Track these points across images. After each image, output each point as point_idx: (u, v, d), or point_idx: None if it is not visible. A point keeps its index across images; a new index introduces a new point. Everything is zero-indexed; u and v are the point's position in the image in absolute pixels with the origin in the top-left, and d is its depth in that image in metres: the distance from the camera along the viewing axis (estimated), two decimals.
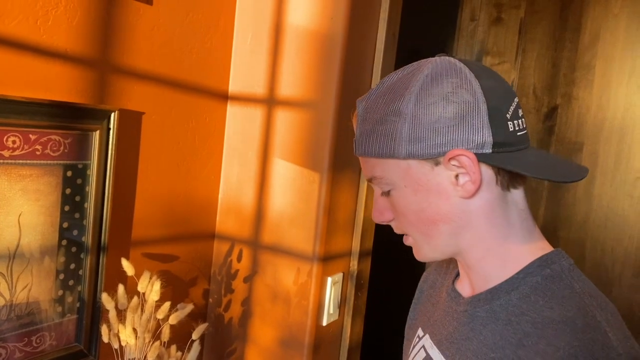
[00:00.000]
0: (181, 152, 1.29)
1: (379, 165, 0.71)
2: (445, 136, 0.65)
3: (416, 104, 0.66)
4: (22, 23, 0.93)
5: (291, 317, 1.34)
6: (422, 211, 0.69)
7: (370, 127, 0.70)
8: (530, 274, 0.67)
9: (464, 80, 0.66)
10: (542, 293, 0.65)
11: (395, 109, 0.67)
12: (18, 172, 0.95)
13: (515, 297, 0.67)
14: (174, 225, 1.31)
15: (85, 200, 1.07)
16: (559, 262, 0.67)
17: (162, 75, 1.21)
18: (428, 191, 0.68)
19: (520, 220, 0.70)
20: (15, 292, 0.99)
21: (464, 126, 0.65)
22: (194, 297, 1.39)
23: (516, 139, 0.67)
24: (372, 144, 0.70)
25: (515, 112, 0.68)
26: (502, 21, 2.29)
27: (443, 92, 0.65)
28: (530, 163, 0.67)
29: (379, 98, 0.70)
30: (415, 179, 0.68)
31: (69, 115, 1.00)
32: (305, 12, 1.31)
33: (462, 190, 0.67)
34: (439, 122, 0.65)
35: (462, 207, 0.68)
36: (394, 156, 0.68)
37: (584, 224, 2.07)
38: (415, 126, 0.66)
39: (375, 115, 0.69)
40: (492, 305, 0.69)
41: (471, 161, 0.65)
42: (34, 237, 1.00)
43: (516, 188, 0.69)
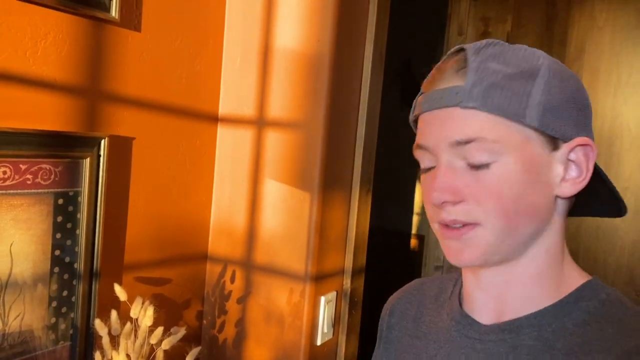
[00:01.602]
0: (172, 175, 1.30)
1: (496, 126, 0.57)
2: (579, 119, 0.58)
3: (554, 75, 0.57)
4: (12, 55, 0.94)
5: (285, 337, 1.34)
6: (522, 197, 0.57)
7: (495, 78, 0.57)
8: (583, 299, 0.59)
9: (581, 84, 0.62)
10: (606, 321, 0.57)
11: (530, 69, 0.57)
12: (9, 202, 0.96)
13: (570, 323, 0.58)
14: (166, 249, 1.31)
15: (77, 227, 1.07)
16: (608, 288, 0.61)
17: (152, 100, 1.22)
18: (538, 176, 0.58)
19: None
20: (8, 321, 0.99)
21: (585, 121, 0.59)
22: (187, 320, 1.39)
23: None
24: (500, 97, 0.56)
25: None
26: (489, 35, 2.32)
27: (571, 84, 0.59)
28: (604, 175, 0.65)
29: (505, 53, 0.59)
30: (530, 157, 0.57)
31: (59, 143, 1.01)
32: (292, 34, 1.32)
33: (565, 187, 0.59)
34: (574, 102, 0.58)
35: (553, 206, 0.60)
36: (524, 118, 0.56)
37: (575, 235, 2.09)
38: (552, 96, 0.57)
39: (505, 68, 0.57)
40: (541, 332, 0.59)
41: (593, 156, 0.59)
42: (25, 266, 1.00)
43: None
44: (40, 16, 0.97)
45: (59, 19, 1.00)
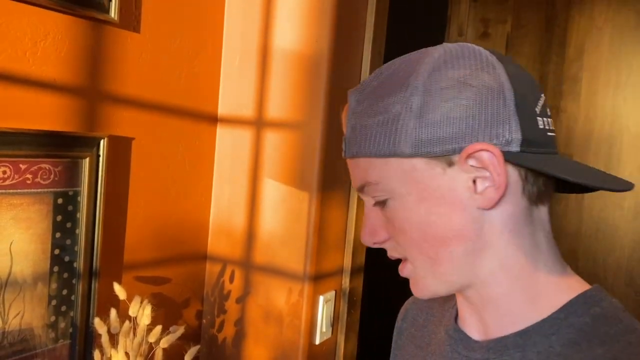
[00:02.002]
0: (172, 175, 1.31)
1: (375, 168, 0.56)
2: (462, 128, 0.51)
3: (425, 90, 0.53)
4: (12, 55, 0.95)
5: (284, 336, 1.35)
6: (428, 226, 0.55)
7: (365, 120, 0.56)
8: (574, 314, 0.53)
9: (485, 63, 0.53)
10: (597, 339, 0.51)
11: (399, 97, 0.54)
12: (9, 202, 0.97)
13: (558, 343, 0.53)
14: (165, 248, 1.32)
15: (77, 226, 1.08)
16: (606, 299, 0.55)
17: (151, 101, 1.23)
18: (438, 200, 0.54)
19: (548, 245, 0.57)
20: (8, 320, 1.00)
21: (485, 116, 0.51)
22: (187, 319, 1.40)
23: (547, 140, 0.55)
24: (368, 140, 0.55)
25: (544, 109, 0.55)
26: (489, 36, 2.33)
27: (458, 75, 0.53)
28: (571, 169, 0.55)
29: (380, 86, 0.56)
30: (422, 184, 0.54)
31: (58, 143, 1.02)
32: (291, 34, 1.33)
33: (481, 199, 0.53)
34: (454, 110, 0.52)
35: (481, 221, 0.54)
36: (396, 154, 0.54)
37: (575, 235, 2.09)
38: (424, 117, 0.52)
39: (373, 106, 0.56)
40: (526, 353, 0.54)
41: (496, 159, 0.51)
42: (25, 265, 1.01)
43: (544, 204, 0.56)
44: (40, 17, 0.98)
45: (58, 19, 1.01)
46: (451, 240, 0.54)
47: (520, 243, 0.55)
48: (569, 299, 0.54)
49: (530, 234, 0.55)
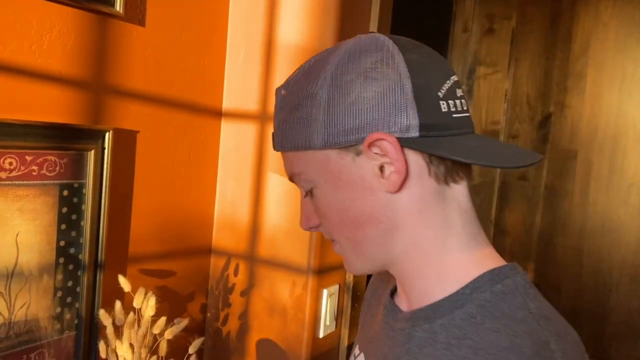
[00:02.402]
0: (176, 169, 1.32)
1: (298, 160, 0.61)
2: (364, 119, 0.55)
3: (331, 84, 0.57)
4: (18, 48, 0.96)
5: (288, 330, 1.35)
6: (345, 211, 0.60)
7: (286, 115, 0.61)
8: (478, 290, 0.56)
9: (385, 55, 0.56)
10: (490, 313, 0.54)
11: (309, 92, 0.58)
12: (15, 193, 0.97)
13: (460, 316, 0.56)
14: (170, 241, 1.33)
15: (82, 218, 1.09)
16: (513, 277, 0.56)
17: (156, 94, 1.23)
18: (350, 187, 0.58)
19: (463, 223, 0.59)
20: (14, 311, 1.00)
21: (385, 106, 0.55)
22: (191, 312, 1.41)
23: (452, 122, 0.58)
24: (288, 135, 0.61)
25: (450, 91, 0.58)
26: (494, 32, 2.32)
27: (361, 68, 0.56)
28: (468, 148, 0.57)
29: (297, 82, 0.61)
30: (336, 173, 0.59)
31: (64, 136, 1.03)
32: (296, 29, 1.33)
33: (387, 183, 0.57)
34: (357, 103, 0.56)
35: (390, 204, 0.58)
36: (310, 147, 0.59)
37: (580, 231, 2.09)
38: (330, 110, 0.56)
39: (291, 102, 0.60)
40: (432, 325, 0.58)
41: (392, 146, 0.55)
42: (31, 256, 1.02)
43: (457, 182, 0.59)
44: (46, 10, 0.99)
45: (64, 12, 1.02)
46: (365, 223, 0.59)
47: (430, 222, 0.58)
48: (477, 276, 0.57)
49: (441, 213, 0.58)
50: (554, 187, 2.15)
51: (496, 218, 2.29)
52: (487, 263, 0.58)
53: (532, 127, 2.22)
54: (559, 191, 2.14)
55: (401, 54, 0.56)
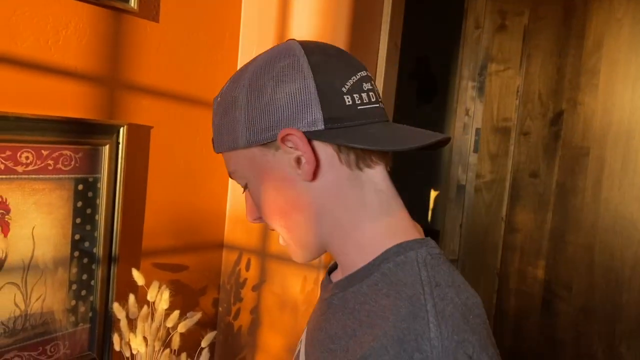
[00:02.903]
0: (189, 164, 1.33)
1: (231, 159, 0.69)
2: (277, 117, 0.62)
3: (249, 89, 0.64)
4: (34, 44, 0.97)
5: (299, 325, 1.36)
6: (273, 202, 0.66)
7: (217, 120, 0.68)
8: (385, 261, 0.62)
9: (293, 59, 0.63)
10: (389, 280, 0.60)
11: (232, 97, 0.65)
12: (31, 187, 0.99)
13: (366, 284, 0.62)
14: (183, 236, 1.34)
15: (96, 212, 1.10)
16: (417, 250, 0.62)
17: (169, 90, 1.24)
18: (274, 179, 0.65)
19: (380, 202, 0.65)
20: (30, 303, 1.02)
21: (293, 105, 0.62)
22: (203, 306, 1.42)
23: (357, 113, 0.63)
24: (221, 138, 0.68)
25: (356, 86, 0.64)
26: (506, 28, 2.31)
27: (273, 73, 0.63)
28: (368, 135, 0.63)
29: (225, 91, 0.68)
30: (261, 168, 0.66)
31: (79, 130, 1.04)
32: (308, 25, 1.34)
33: (303, 173, 0.63)
34: (270, 104, 0.63)
35: (309, 192, 0.64)
36: (237, 147, 0.66)
37: (592, 229, 2.07)
38: (249, 112, 0.63)
39: (220, 107, 0.68)
40: (345, 293, 0.64)
41: (299, 139, 0.61)
42: (47, 249, 1.03)
43: (371, 167, 0.65)
44: (62, 6, 1.00)
45: (80, 8, 1.03)
46: (292, 211, 0.66)
47: (346, 205, 0.64)
48: (388, 248, 0.63)
49: (356, 195, 0.64)
50: (566, 184, 2.14)
51: (507, 215, 2.28)
52: (400, 237, 0.63)
53: (543, 124, 2.20)
54: (571, 188, 2.12)
55: (306, 56, 0.63)
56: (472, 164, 2.41)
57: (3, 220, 0.95)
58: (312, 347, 0.66)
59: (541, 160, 2.21)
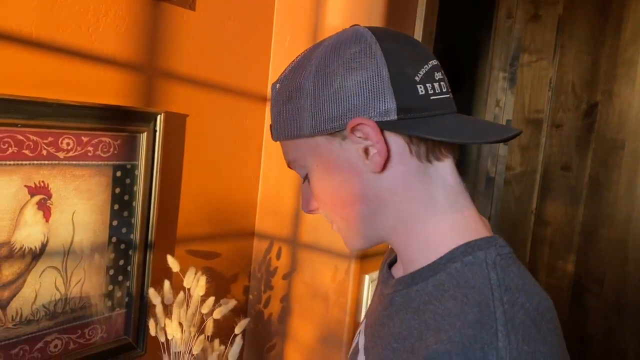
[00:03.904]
0: (222, 153, 1.33)
1: (292, 148, 0.66)
2: (346, 106, 0.60)
3: (316, 76, 0.61)
4: (76, 31, 0.98)
5: (330, 314, 1.36)
6: (336, 193, 0.64)
7: (279, 107, 0.66)
8: (452, 260, 0.59)
9: (364, 45, 0.60)
10: (456, 281, 0.57)
11: (297, 84, 0.63)
12: (72, 173, 1.00)
13: (432, 283, 0.60)
14: (215, 224, 1.35)
15: (134, 199, 1.11)
16: (486, 250, 0.59)
17: (204, 79, 1.25)
18: (339, 169, 0.63)
19: (447, 198, 0.62)
20: (70, 287, 1.04)
21: (364, 93, 0.59)
22: (234, 293, 1.43)
23: (430, 104, 0.61)
24: (282, 126, 0.65)
25: (428, 75, 0.61)
26: (539, 18, 2.26)
27: (343, 59, 0.60)
28: (443, 127, 0.60)
29: (287, 75, 0.66)
30: (326, 158, 0.63)
31: (118, 118, 1.05)
32: (343, 14, 1.33)
33: (371, 164, 0.61)
34: (340, 92, 0.60)
35: (376, 183, 0.62)
36: (301, 135, 0.63)
37: (625, 223, 2.04)
38: (316, 99, 0.61)
39: (283, 94, 0.65)
40: (409, 290, 0.62)
41: (372, 130, 0.59)
42: (86, 235, 1.05)
43: (440, 160, 0.63)
44: None
45: None
46: (355, 202, 0.63)
47: (413, 198, 0.62)
48: (456, 246, 0.60)
49: (424, 189, 0.62)
50: (599, 177, 2.10)
51: (537, 208, 2.25)
52: (469, 235, 0.61)
53: (576, 116, 2.16)
54: (604, 182, 2.08)
55: (378, 43, 0.60)
56: (501, 156, 2.38)
57: (45, 205, 0.97)
58: (373, 342, 0.65)
59: (573, 152, 2.17)
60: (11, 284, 0.95)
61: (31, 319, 0.98)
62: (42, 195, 0.97)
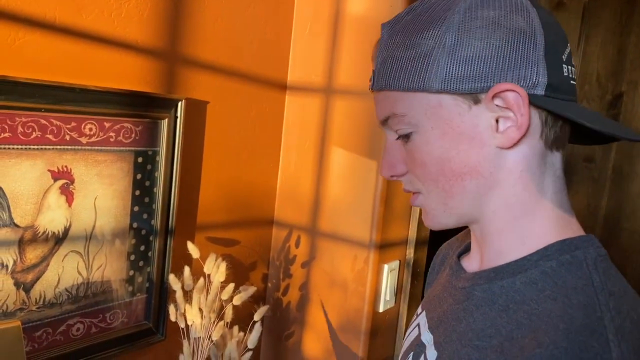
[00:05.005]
0: (242, 140, 1.33)
1: (403, 101, 0.58)
2: (492, 67, 0.53)
3: (460, 27, 0.54)
4: (99, 16, 0.98)
5: (348, 303, 1.36)
6: (447, 160, 0.57)
7: (397, 53, 0.57)
8: (546, 258, 0.55)
9: (518, 6, 0.54)
10: (552, 281, 0.53)
11: (433, 32, 0.55)
12: (94, 158, 1.01)
13: (520, 281, 0.55)
14: (235, 211, 1.35)
15: (155, 185, 1.12)
16: (584, 249, 0.54)
17: (224, 66, 1.24)
18: (459, 136, 0.56)
19: (554, 190, 0.58)
20: (92, 271, 1.05)
21: (515, 57, 0.53)
22: (253, 281, 1.43)
23: (570, 88, 0.56)
24: (398, 73, 0.57)
25: (569, 57, 0.56)
26: (564, 6, 2.22)
27: (493, 15, 0.53)
28: (589, 114, 0.55)
29: (413, 20, 0.58)
30: (446, 120, 0.56)
31: (140, 104, 1.05)
32: (364, 1, 1.31)
33: (501, 138, 0.55)
34: (486, 49, 0.53)
35: (496, 160, 0.56)
36: (425, 89, 0.55)
37: None
38: (456, 54, 0.54)
39: (406, 39, 0.57)
40: (491, 285, 0.58)
41: (521, 99, 0.53)
42: (107, 220, 1.06)
43: (558, 150, 0.58)
44: None
45: None
46: (466, 175, 0.57)
47: (527, 185, 0.57)
48: (550, 243, 0.56)
49: (539, 177, 0.57)
50: (623, 169, 2.06)
51: None
52: (565, 233, 0.57)
53: (601, 107, 2.12)
54: (629, 174, 2.04)
55: (535, 8, 0.55)
56: None
57: (68, 190, 0.98)
58: (448, 337, 0.60)
59: None
60: (35, 267, 0.96)
61: (54, 302, 0.99)
62: (65, 180, 0.97)
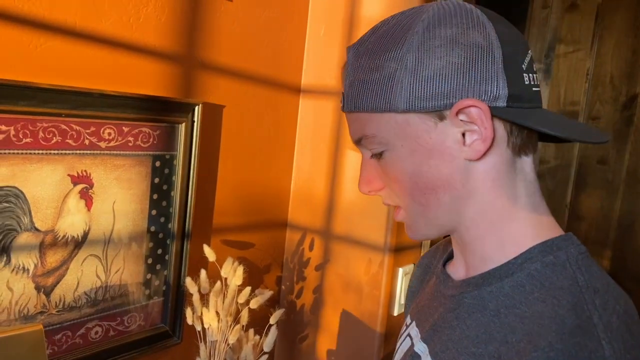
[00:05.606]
0: (258, 144, 1.33)
1: (372, 122, 0.60)
2: (453, 84, 0.55)
3: (419, 47, 0.55)
4: (117, 22, 0.98)
5: (363, 306, 1.36)
6: (420, 175, 0.59)
7: (362, 76, 0.59)
8: (530, 260, 0.57)
9: (475, 22, 0.56)
10: (539, 283, 0.55)
11: (394, 54, 0.56)
12: (113, 162, 1.02)
13: (509, 285, 0.57)
14: (249, 214, 1.35)
15: (172, 189, 1.12)
16: (565, 249, 0.56)
17: (240, 70, 1.25)
18: (429, 152, 0.58)
19: (527, 194, 0.60)
20: (110, 275, 1.05)
21: (475, 73, 0.54)
22: (267, 284, 1.44)
23: (532, 95, 0.58)
24: (365, 95, 0.59)
25: (530, 65, 0.58)
26: (577, 7, 2.21)
27: (450, 33, 0.55)
28: (550, 120, 0.57)
29: (375, 43, 0.59)
30: (415, 137, 0.58)
31: (157, 108, 1.06)
32: (378, 3, 1.31)
33: (469, 151, 0.57)
34: (446, 68, 0.55)
35: (467, 171, 0.58)
36: (391, 109, 0.57)
37: None
38: (417, 73, 0.55)
39: (370, 61, 0.59)
40: (480, 291, 0.59)
41: (483, 114, 0.55)
42: (125, 224, 1.06)
43: (527, 155, 0.60)
44: None
45: None
46: (439, 188, 0.59)
47: (500, 192, 0.59)
48: (532, 246, 0.58)
49: (511, 183, 0.59)
50: (637, 171, 2.05)
51: (571, 202, 2.20)
52: (544, 235, 0.58)
53: (614, 109, 2.11)
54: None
55: (491, 22, 0.56)
56: None
57: (87, 194, 0.99)
58: (443, 346, 0.61)
59: (611, 146, 2.12)
60: (55, 271, 0.96)
61: (73, 305, 1.00)
62: (85, 184, 0.98)
